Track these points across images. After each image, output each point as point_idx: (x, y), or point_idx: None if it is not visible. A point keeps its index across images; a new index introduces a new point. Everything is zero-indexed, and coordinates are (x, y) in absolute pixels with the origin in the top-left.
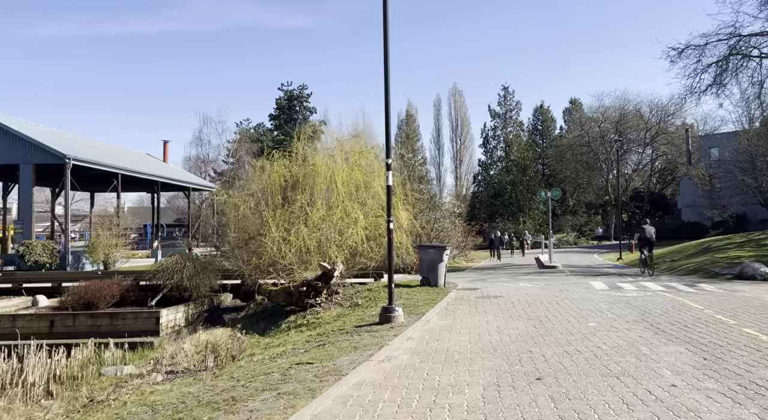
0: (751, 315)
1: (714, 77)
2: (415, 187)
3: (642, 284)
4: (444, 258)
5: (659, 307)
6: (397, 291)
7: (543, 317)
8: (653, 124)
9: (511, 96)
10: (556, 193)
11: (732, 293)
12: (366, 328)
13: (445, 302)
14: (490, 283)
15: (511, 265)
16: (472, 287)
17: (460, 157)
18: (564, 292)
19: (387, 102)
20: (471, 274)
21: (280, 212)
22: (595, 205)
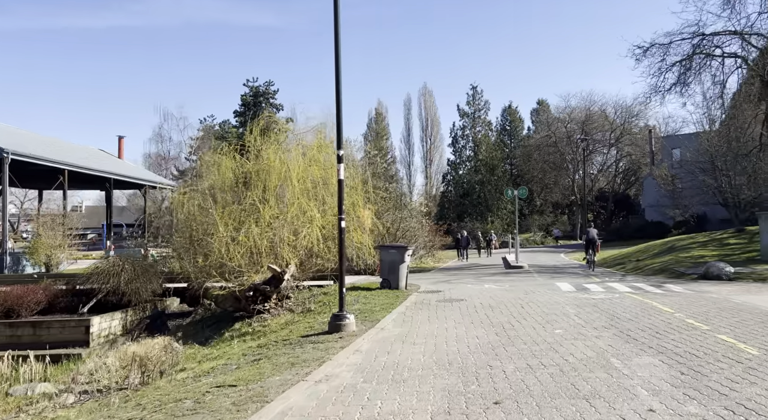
0: (724, 319)
1: (678, 76)
2: (381, 185)
3: (609, 285)
4: (406, 259)
5: (628, 311)
6: (354, 294)
7: (506, 323)
8: (618, 124)
9: (479, 96)
10: (522, 191)
11: (700, 294)
12: (313, 338)
13: (404, 307)
14: (455, 284)
15: (478, 265)
16: (435, 289)
17: (430, 157)
18: (530, 294)
19: (338, 86)
20: (436, 274)
21: (228, 210)
22: (561, 205)
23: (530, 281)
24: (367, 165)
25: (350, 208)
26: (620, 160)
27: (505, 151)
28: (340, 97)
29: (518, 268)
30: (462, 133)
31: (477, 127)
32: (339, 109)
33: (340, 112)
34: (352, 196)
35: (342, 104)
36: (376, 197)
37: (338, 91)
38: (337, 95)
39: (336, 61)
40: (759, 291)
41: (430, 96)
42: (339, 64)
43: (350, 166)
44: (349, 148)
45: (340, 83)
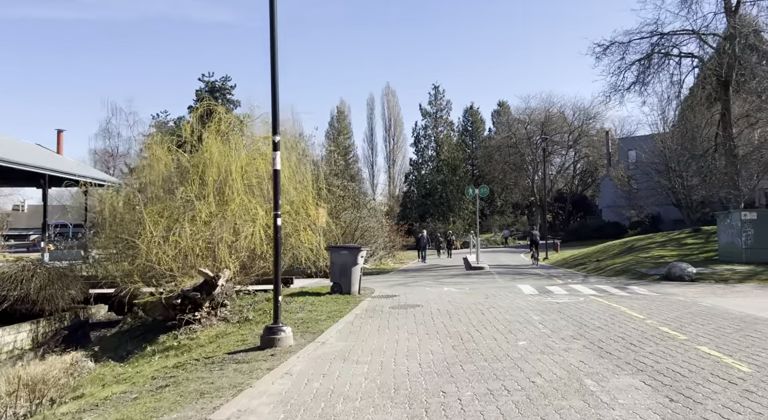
0: (699, 326)
1: (637, 75)
2: (339, 183)
3: (572, 287)
4: (359, 261)
5: (596, 318)
6: (300, 301)
7: (465, 333)
8: (576, 126)
9: (441, 95)
10: (483, 190)
11: (666, 297)
12: (240, 355)
13: (354, 315)
14: (412, 287)
15: (438, 266)
16: (390, 294)
17: (393, 157)
18: (490, 298)
19: (273, 62)
20: (395, 276)
21: (159, 208)
22: (521, 206)
23: (491, 283)
24: (323, 161)
25: (300, 206)
26: (578, 162)
27: (466, 151)
28: (276, 75)
29: (479, 269)
30: (424, 132)
31: (439, 127)
32: (275, 89)
33: (276, 92)
34: (302, 193)
35: (278, 84)
36: (332, 195)
37: (274, 69)
38: (273, 74)
39: (271, 33)
40: (724, 293)
41: (393, 96)
42: (274, 36)
43: (303, 160)
44: (303, 143)
45: (276, 60)
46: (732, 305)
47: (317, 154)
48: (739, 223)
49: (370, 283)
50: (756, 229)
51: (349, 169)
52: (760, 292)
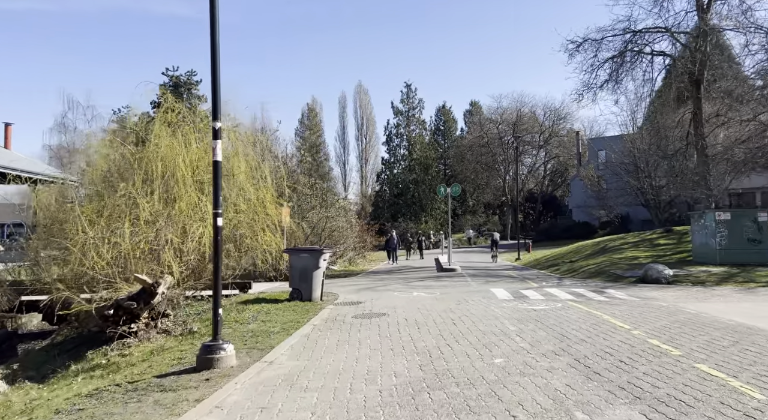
0: (691, 338)
1: (610, 73)
2: (306, 180)
3: (547, 291)
4: (321, 264)
5: (578, 328)
6: (254, 309)
7: (434, 349)
8: (547, 126)
9: (413, 94)
10: (455, 189)
11: (648, 303)
12: (171, 379)
13: (311, 326)
14: (380, 292)
15: (409, 268)
16: (355, 300)
17: (366, 156)
18: (462, 304)
19: (214, 36)
20: (363, 279)
21: (97, 206)
22: (493, 206)
23: (463, 287)
24: (289, 157)
25: (258, 205)
26: (548, 162)
27: (439, 150)
28: (216, 51)
29: (451, 270)
30: (396, 131)
31: (411, 126)
32: (215, 68)
33: (217, 71)
34: (261, 191)
35: (219, 62)
36: (296, 194)
37: (213, 44)
38: (213, 50)
39: (211, 3)
40: (705, 297)
41: (366, 94)
42: (214, 8)
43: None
44: (265, 138)
45: (216, 33)
46: (717, 311)
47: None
48: (713, 223)
49: (336, 287)
50: (729, 230)
51: (320, 167)
52: (740, 295)
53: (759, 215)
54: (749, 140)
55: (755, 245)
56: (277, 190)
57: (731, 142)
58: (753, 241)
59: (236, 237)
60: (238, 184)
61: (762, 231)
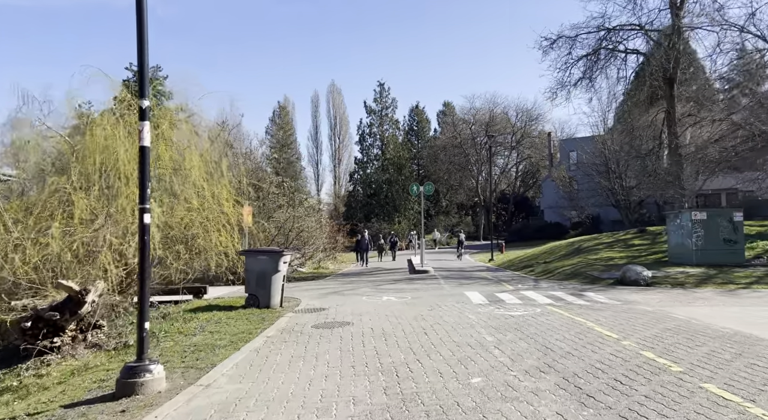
0: (687, 349)
1: (584, 71)
2: (272, 178)
3: (524, 294)
4: (280, 267)
5: (562, 338)
6: (204, 317)
7: (402, 366)
8: (519, 127)
9: (387, 93)
10: (428, 187)
11: (631, 307)
12: (81, 409)
13: (264, 338)
14: (347, 297)
15: (380, 269)
16: (318, 306)
17: (339, 156)
18: (435, 309)
19: (141, 8)
20: (331, 282)
21: (23, 203)
22: (466, 206)
23: (436, 290)
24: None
25: (212, 201)
26: (520, 163)
27: (412, 151)
28: (143, 16)
29: (423, 272)
30: (369, 130)
31: (385, 125)
32: (141, 38)
33: (144, 41)
34: (216, 186)
35: (146, 31)
36: (262, 192)
37: (140, 9)
38: (139, 15)
39: None
40: (689, 301)
41: (339, 94)
42: None
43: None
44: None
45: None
46: (706, 317)
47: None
48: (689, 223)
49: (300, 292)
50: (705, 230)
51: (291, 166)
52: (723, 298)
53: (734, 215)
54: (722, 140)
55: (731, 246)
56: (239, 187)
57: (704, 141)
58: (729, 242)
59: (187, 237)
60: (191, 180)
61: (737, 231)
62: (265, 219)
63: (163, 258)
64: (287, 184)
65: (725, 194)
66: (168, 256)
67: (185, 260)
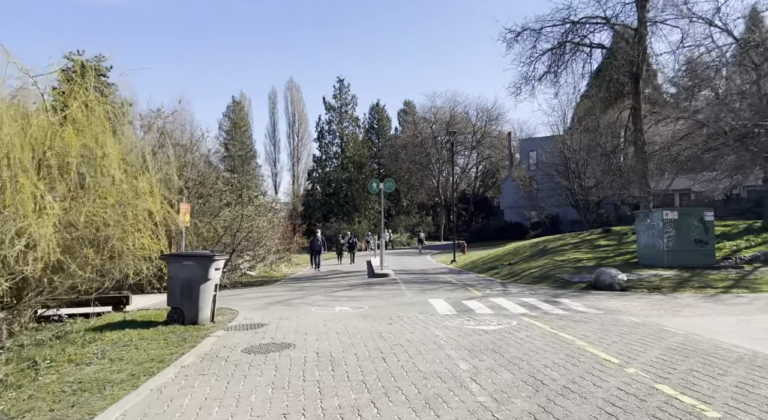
0: (709, 379)
1: (549, 66)
2: (216, 174)
3: (494, 302)
4: (211, 275)
5: (551, 363)
6: (111, 338)
7: (351, 414)
8: (479, 127)
9: (346, 89)
10: (388, 184)
11: (616, 318)
12: None
13: (177, 369)
14: (295, 307)
15: (337, 273)
16: (257, 321)
17: (298, 155)
18: (396, 323)
19: None
20: (279, 288)
21: None
22: (427, 206)
23: (397, 297)
24: (192, 146)
25: (131, 197)
26: (480, 163)
27: (373, 149)
28: None
29: (383, 276)
30: (328, 127)
31: (344, 123)
32: None
33: None
34: (136, 179)
35: None
36: (205, 188)
37: None
38: None
39: None
40: (675, 309)
41: (298, 91)
42: None
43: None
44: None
45: None
46: (705, 330)
47: (188, 138)
48: (660, 223)
49: (242, 301)
50: (677, 230)
51: (247, 163)
52: (710, 305)
53: (705, 214)
54: (687, 138)
55: (702, 247)
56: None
57: (668, 140)
58: (700, 242)
59: (99, 239)
60: (110, 173)
61: (708, 232)
62: (211, 218)
63: (63, 263)
64: (236, 180)
65: (678, 195)
66: (69, 261)
67: (95, 266)
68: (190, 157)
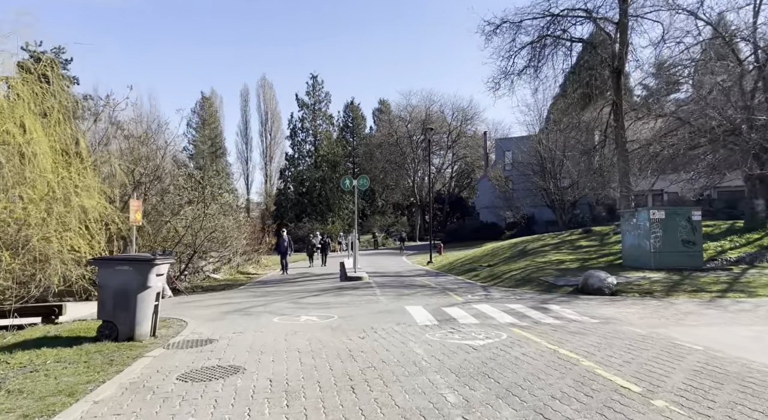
0: (747, 414)
1: (529, 60)
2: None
3: (478, 309)
4: (151, 282)
5: (559, 393)
6: (21, 361)
7: None
8: (455, 126)
9: (320, 86)
10: (363, 181)
11: (615, 327)
12: None
13: (85, 407)
14: (255, 317)
15: (307, 275)
16: (206, 337)
17: (271, 154)
18: (369, 337)
19: None
20: (242, 293)
21: None
22: (402, 206)
23: (372, 305)
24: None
25: (58, 191)
26: (455, 163)
27: (347, 148)
28: None
29: (356, 279)
30: (301, 125)
31: (318, 120)
32: None
33: None
34: (66, 171)
35: None
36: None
37: None
38: None
39: None
40: (677, 317)
41: (270, 88)
42: None
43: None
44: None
45: None
46: (724, 345)
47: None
48: (647, 223)
49: (196, 309)
50: (664, 230)
51: (216, 161)
52: (713, 313)
53: (693, 214)
54: (669, 135)
55: (690, 247)
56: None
57: (651, 137)
58: (688, 243)
59: (17, 240)
60: (37, 163)
61: (696, 232)
62: (171, 216)
63: None
64: (199, 175)
65: (651, 195)
66: None
67: (11, 272)
68: (145, 151)
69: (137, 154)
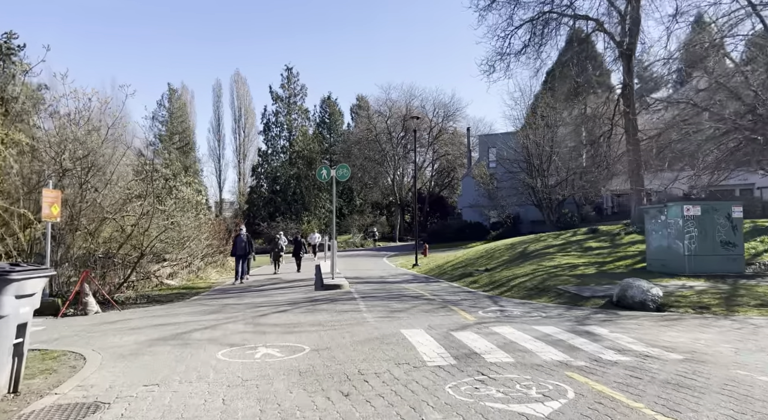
0: None
1: (529, 39)
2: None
3: (502, 335)
4: (7, 309)
5: None
6: None
7: None
8: (436, 123)
9: (295, 78)
10: (343, 171)
11: (724, 372)
12: None
13: None
14: (191, 350)
15: (277, 282)
16: (95, 396)
17: (244, 151)
18: (356, 399)
19: None
20: (189, 309)
21: None
22: (381, 205)
23: (355, 327)
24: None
25: None
26: (436, 161)
27: (324, 144)
28: None
29: (335, 287)
30: (275, 119)
31: (293, 115)
32: None
33: None
34: None
35: None
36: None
37: None
38: None
39: None
40: None
41: (244, 84)
42: None
43: None
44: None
45: None
46: None
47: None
48: (679, 221)
49: (114, 335)
50: (699, 230)
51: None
52: None
53: (734, 210)
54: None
55: (730, 250)
56: None
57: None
58: (727, 245)
59: None
60: None
61: (737, 231)
62: (113, 213)
63: None
64: (149, 164)
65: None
66: None
67: None
68: (72, 131)
69: (63, 135)
